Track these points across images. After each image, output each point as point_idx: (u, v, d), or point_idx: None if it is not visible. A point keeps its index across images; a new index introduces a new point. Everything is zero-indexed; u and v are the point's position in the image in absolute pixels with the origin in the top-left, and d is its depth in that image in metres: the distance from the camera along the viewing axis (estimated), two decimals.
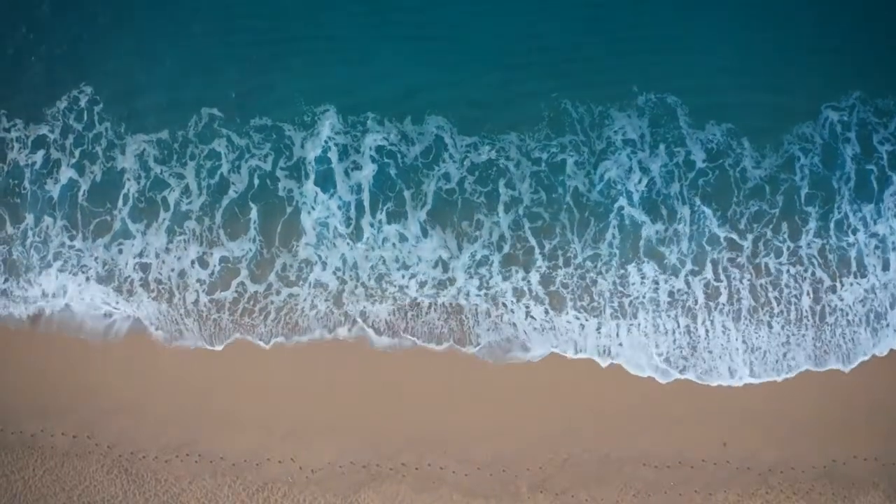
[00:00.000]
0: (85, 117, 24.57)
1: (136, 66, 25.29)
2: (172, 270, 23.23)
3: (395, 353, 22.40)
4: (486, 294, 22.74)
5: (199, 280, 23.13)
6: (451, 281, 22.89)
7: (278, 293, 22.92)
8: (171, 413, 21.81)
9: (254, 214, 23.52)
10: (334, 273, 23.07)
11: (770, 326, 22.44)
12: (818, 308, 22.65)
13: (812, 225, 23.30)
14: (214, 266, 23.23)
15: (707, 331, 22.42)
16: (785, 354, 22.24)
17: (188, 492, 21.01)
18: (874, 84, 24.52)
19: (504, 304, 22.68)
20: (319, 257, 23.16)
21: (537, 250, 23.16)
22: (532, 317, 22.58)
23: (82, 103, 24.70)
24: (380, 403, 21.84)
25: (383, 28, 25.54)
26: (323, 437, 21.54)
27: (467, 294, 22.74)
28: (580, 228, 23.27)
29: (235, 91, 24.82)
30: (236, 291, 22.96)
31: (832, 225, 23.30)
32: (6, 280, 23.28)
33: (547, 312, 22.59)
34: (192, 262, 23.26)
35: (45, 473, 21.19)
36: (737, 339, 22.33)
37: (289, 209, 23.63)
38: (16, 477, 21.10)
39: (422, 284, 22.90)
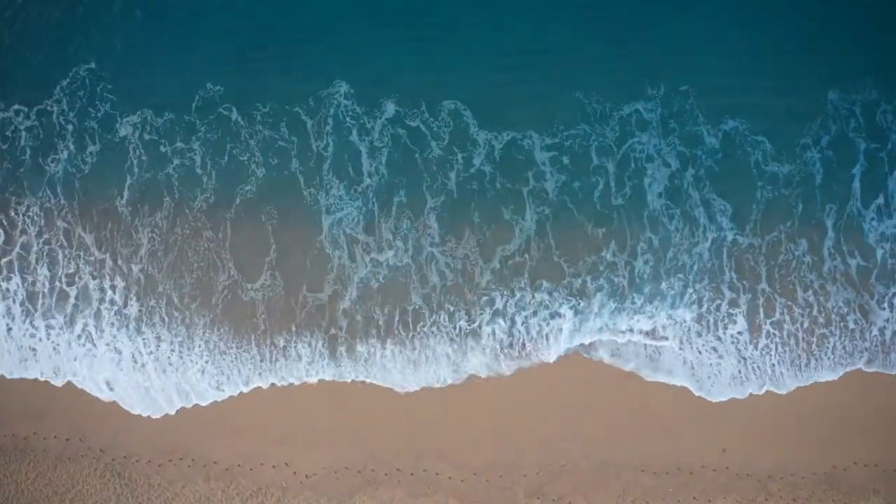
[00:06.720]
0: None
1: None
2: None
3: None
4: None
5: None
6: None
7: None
8: (164, 417, 21.64)
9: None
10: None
11: None
12: None
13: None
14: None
15: None
16: None
17: (181, 496, 20.89)
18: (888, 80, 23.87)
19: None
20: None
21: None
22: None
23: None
24: (375, 408, 21.64)
25: (385, 27, 25.04)
26: (317, 442, 21.37)
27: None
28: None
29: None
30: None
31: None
32: None
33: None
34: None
35: (38, 477, 21.07)
36: None
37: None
38: (8, 480, 21.02)
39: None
